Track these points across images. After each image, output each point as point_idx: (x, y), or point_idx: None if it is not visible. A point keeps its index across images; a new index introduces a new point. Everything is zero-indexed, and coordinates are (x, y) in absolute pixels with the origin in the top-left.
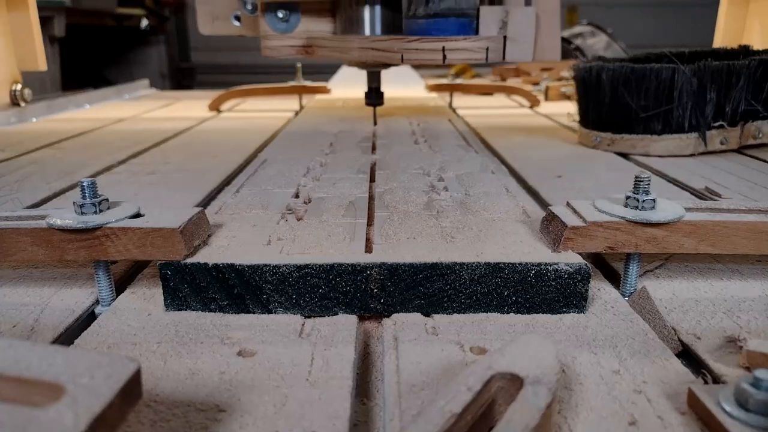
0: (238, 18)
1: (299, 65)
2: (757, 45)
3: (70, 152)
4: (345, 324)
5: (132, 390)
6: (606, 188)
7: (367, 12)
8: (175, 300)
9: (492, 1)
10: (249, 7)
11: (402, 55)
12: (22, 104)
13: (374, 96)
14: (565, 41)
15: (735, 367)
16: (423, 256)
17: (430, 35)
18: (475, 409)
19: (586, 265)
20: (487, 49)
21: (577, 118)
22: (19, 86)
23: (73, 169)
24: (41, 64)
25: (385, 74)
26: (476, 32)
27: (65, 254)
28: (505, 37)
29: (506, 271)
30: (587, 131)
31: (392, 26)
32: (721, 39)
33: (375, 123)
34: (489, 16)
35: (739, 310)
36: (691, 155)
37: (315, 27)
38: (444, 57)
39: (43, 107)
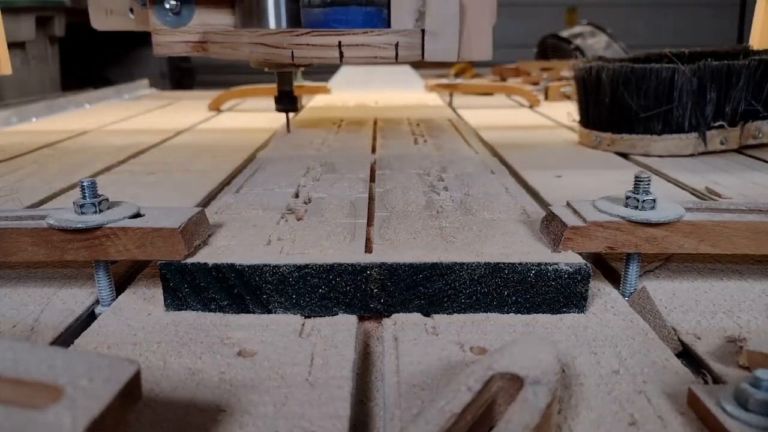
0: (132, 11)
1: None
2: None
3: (70, 152)
4: (345, 324)
5: (131, 392)
6: (606, 188)
7: (269, 1)
8: (175, 300)
9: None
10: None
11: (292, 52)
12: None
13: (285, 101)
14: (565, 41)
15: (735, 367)
16: (423, 256)
17: (329, 27)
18: (475, 409)
19: (586, 265)
20: (397, 44)
21: (577, 118)
22: None
23: (73, 169)
24: (5, 68)
25: (385, 74)
26: (387, 24)
27: (65, 254)
28: (423, 31)
29: (506, 271)
30: (587, 131)
31: (298, 18)
32: (759, 39)
33: (375, 123)
34: (401, 5)
35: (739, 310)
36: (691, 155)
37: (212, 20)
38: (341, 55)
39: (43, 107)
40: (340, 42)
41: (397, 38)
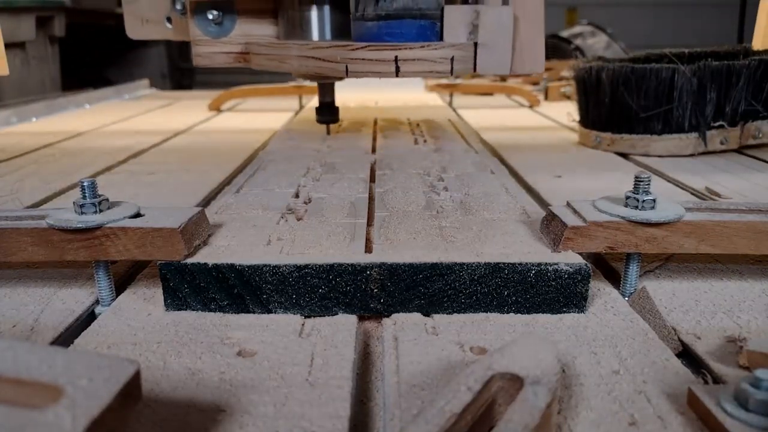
0: (170, 20)
1: None
2: None
3: (70, 152)
4: (345, 324)
5: (131, 392)
6: (606, 188)
7: (313, 13)
8: (175, 300)
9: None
10: (179, 7)
11: (346, 66)
12: None
13: (327, 112)
14: (565, 41)
15: (735, 367)
16: (423, 256)
17: (381, 41)
18: (475, 409)
19: (586, 265)
20: (452, 59)
21: (577, 118)
22: None
23: (73, 169)
24: (1, 69)
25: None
26: (440, 37)
27: (65, 254)
28: (476, 44)
29: (506, 271)
30: (587, 131)
31: (343, 31)
32: (762, 40)
33: (375, 123)
34: (455, 18)
35: (739, 310)
36: (691, 155)
37: (255, 31)
38: (397, 69)
39: (43, 107)
40: (396, 56)
41: (453, 52)
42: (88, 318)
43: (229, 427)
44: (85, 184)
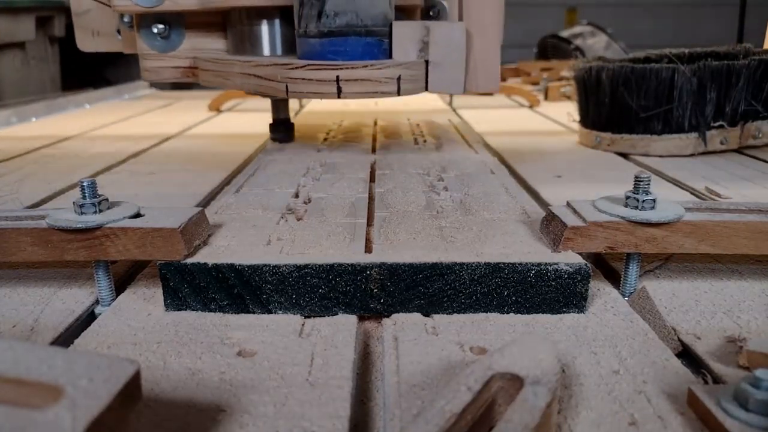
0: (120, 32)
1: None
2: None
3: (70, 152)
4: (345, 324)
5: (131, 392)
6: (606, 188)
7: (262, 28)
8: (175, 300)
9: (426, 15)
10: (126, 19)
11: (287, 86)
12: None
13: (282, 130)
14: (565, 41)
15: (735, 367)
16: (423, 256)
17: (325, 59)
18: (475, 409)
19: (586, 265)
20: (399, 78)
21: (577, 118)
22: None
23: (73, 169)
24: None
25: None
26: (388, 55)
27: (65, 254)
28: (427, 62)
29: (506, 271)
30: (587, 131)
31: (293, 46)
32: None
33: (375, 123)
34: (403, 35)
35: (739, 310)
36: (691, 155)
37: (204, 44)
38: (339, 90)
39: (43, 107)
40: (338, 76)
41: (399, 71)
42: (88, 318)
43: (229, 427)
44: (84, 184)
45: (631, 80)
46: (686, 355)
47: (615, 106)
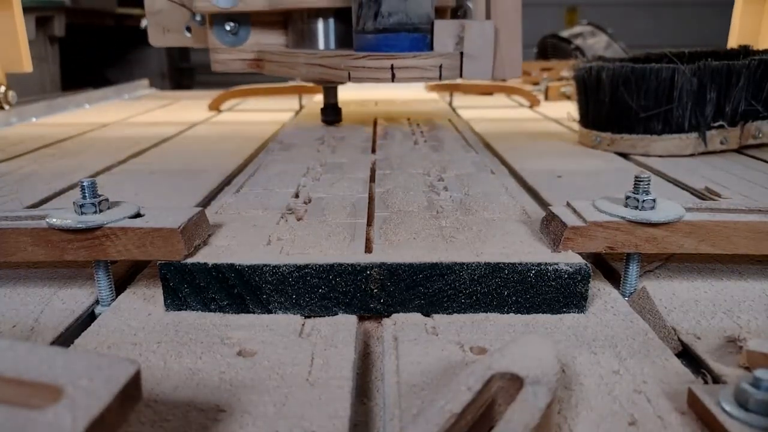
0: (189, 29)
1: None
2: None
3: (70, 152)
4: (345, 324)
5: (131, 392)
6: (606, 188)
7: (319, 25)
8: (175, 300)
9: (454, 14)
10: (198, 18)
11: (349, 73)
12: (6, 107)
13: (330, 113)
14: (565, 41)
15: (735, 367)
16: (423, 256)
17: (379, 51)
18: (475, 409)
19: (586, 265)
20: (441, 66)
21: (577, 118)
22: (2, 89)
23: (73, 169)
24: (26, 66)
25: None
26: (431, 48)
27: (65, 254)
28: (461, 54)
29: (506, 271)
30: (587, 131)
31: (345, 41)
32: (736, 39)
33: (375, 123)
34: (444, 31)
35: (739, 310)
36: (691, 155)
37: (266, 40)
38: (393, 76)
39: (43, 107)
40: (392, 65)
41: (441, 61)
42: (88, 318)
43: (229, 427)
44: (84, 184)
45: (631, 80)
46: (686, 355)
47: (615, 106)
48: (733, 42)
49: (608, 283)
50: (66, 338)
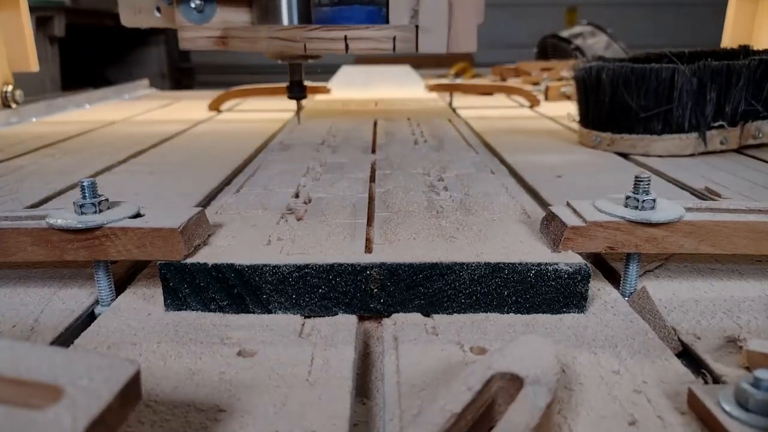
0: (159, 9)
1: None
2: (766, 44)
3: (70, 152)
4: (345, 324)
5: (131, 392)
6: (606, 188)
7: (283, 1)
8: (175, 300)
9: None
10: None
11: (305, 45)
12: (14, 106)
13: (296, 89)
14: (565, 41)
15: (735, 367)
16: (423, 256)
17: (335, 24)
18: (475, 409)
19: (586, 265)
20: (394, 38)
21: (577, 118)
22: (10, 87)
23: (73, 169)
24: (33, 65)
25: (385, 74)
26: (386, 21)
27: (65, 254)
28: (417, 27)
29: (506, 271)
30: (587, 131)
31: (308, 17)
32: (730, 38)
33: (375, 123)
34: (399, 4)
35: (739, 310)
36: (691, 155)
37: (232, 17)
38: (347, 47)
39: (43, 107)
40: (346, 36)
41: (394, 33)
42: (88, 318)
43: (229, 427)
44: (85, 184)
45: (631, 80)
46: (686, 355)
47: (615, 106)
48: (726, 42)
49: (608, 283)
50: (66, 338)
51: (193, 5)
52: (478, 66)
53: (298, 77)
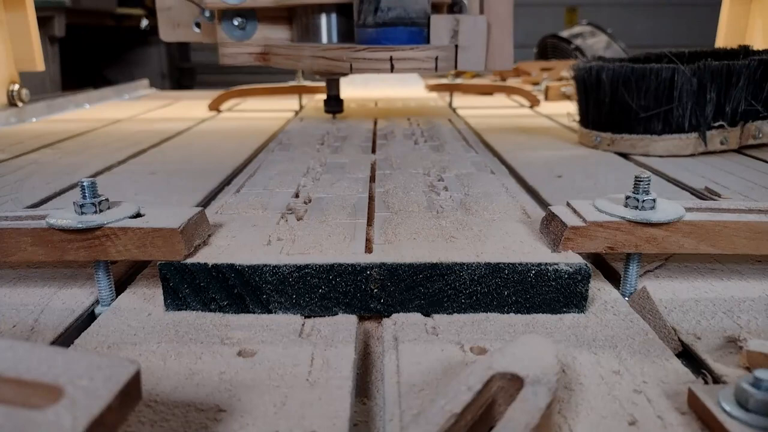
0: (198, 25)
1: None
2: (759, 45)
3: (70, 152)
4: (345, 324)
5: (131, 392)
6: (606, 188)
7: (322, 20)
8: (175, 300)
9: (450, 9)
10: (207, 14)
11: (351, 65)
12: (20, 104)
13: (333, 104)
14: (565, 41)
15: (735, 367)
16: (423, 256)
17: (379, 44)
18: (475, 409)
19: (586, 265)
20: (437, 58)
21: (577, 118)
22: (16, 86)
23: (73, 169)
24: (39, 65)
25: (385, 74)
26: (427, 41)
27: (65, 254)
28: (456, 46)
29: (506, 271)
30: (587, 131)
31: (347, 35)
32: (724, 39)
33: (375, 123)
34: (439, 26)
35: (739, 310)
36: (691, 155)
37: (272, 34)
38: (392, 67)
39: (43, 107)
40: (391, 57)
41: (437, 53)
42: (88, 318)
43: (229, 427)
44: (84, 184)
45: (631, 80)
46: (686, 355)
47: (615, 106)
48: (720, 42)
49: (608, 283)
50: (66, 338)
51: (236, 22)
52: None
53: (335, 92)
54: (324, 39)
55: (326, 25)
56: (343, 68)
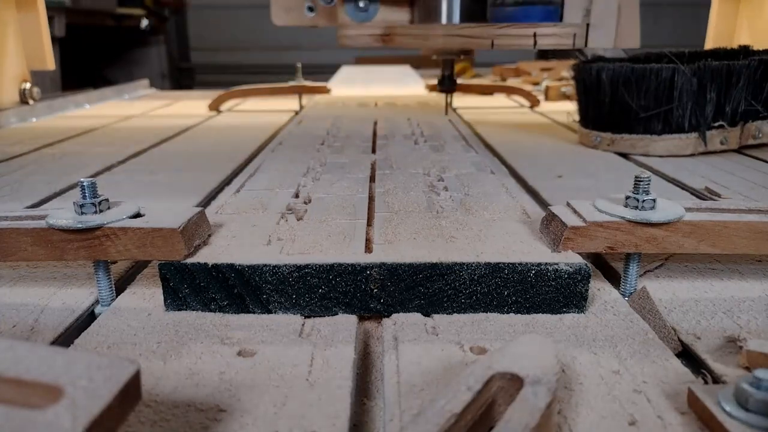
0: (311, 8)
1: (299, 65)
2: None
3: (70, 152)
4: (345, 324)
5: (131, 392)
6: (606, 188)
7: (444, 1)
8: (175, 300)
9: None
10: None
11: (492, 41)
12: (31, 102)
13: (448, 83)
14: None
15: (735, 367)
16: (423, 256)
17: (516, 22)
18: (475, 409)
19: (586, 265)
20: (575, 35)
21: (577, 117)
22: (28, 85)
23: (73, 168)
24: (50, 64)
25: (385, 74)
26: (560, 19)
27: (65, 254)
28: (588, 24)
29: (506, 271)
30: (587, 131)
31: (470, 15)
32: (713, 40)
33: (375, 123)
34: (574, 4)
35: (739, 310)
36: (691, 155)
37: (392, 16)
38: (535, 42)
39: (43, 107)
40: (535, 33)
41: (575, 30)
42: (88, 318)
43: (229, 427)
44: (84, 184)
45: (631, 80)
46: (686, 355)
47: (615, 106)
48: (710, 43)
49: (608, 283)
50: (66, 338)
51: (361, 4)
52: (479, 66)
53: (449, 71)
54: (444, 21)
55: (447, 7)
56: (482, 45)
